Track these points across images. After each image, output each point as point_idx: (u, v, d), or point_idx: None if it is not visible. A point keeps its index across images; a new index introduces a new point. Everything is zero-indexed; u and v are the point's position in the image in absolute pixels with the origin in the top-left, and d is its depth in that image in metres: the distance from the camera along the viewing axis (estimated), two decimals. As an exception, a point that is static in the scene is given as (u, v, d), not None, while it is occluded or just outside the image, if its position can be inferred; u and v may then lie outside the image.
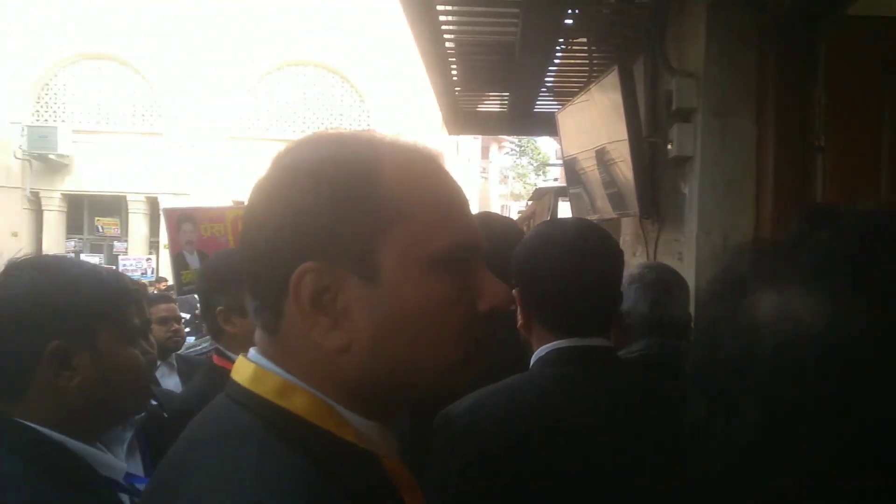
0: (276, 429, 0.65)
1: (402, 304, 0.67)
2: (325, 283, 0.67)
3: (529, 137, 29.12)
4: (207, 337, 4.02)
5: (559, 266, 1.32)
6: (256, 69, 15.13)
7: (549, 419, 1.24)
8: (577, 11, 3.21)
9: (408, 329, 0.68)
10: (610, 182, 3.37)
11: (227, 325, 1.89)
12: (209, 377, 1.90)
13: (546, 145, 31.54)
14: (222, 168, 15.12)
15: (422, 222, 0.68)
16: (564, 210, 10.29)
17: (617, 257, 1.41)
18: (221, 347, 1.94)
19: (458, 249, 0.69)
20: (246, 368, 0.72)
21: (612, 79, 2.99)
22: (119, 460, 1.28)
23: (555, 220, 1.65)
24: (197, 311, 6.89)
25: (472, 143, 24.43)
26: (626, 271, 2.23)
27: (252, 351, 0.74)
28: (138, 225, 15.67)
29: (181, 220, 3.47)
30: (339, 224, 0.67)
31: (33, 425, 1.12)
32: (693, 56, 2.70)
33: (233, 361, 1.93)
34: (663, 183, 2.99)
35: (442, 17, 3.48)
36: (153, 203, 15.50)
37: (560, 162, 12.47)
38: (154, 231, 15.65)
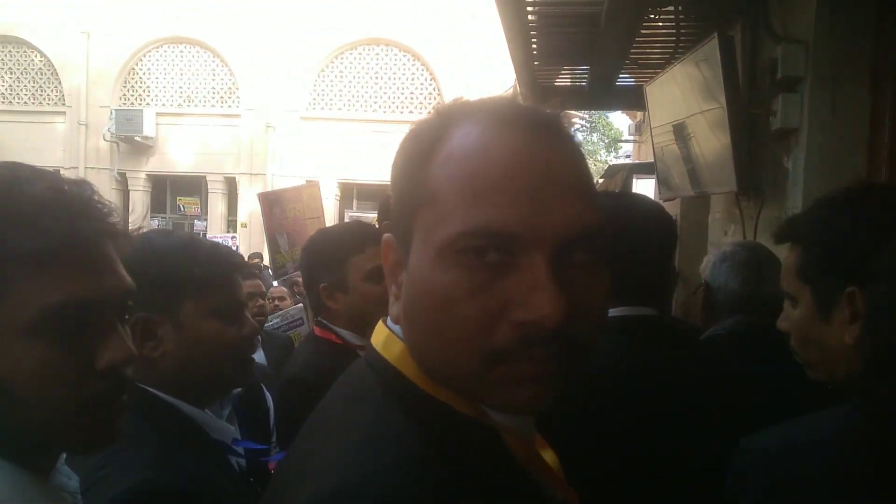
0: (393, 393, 0.66)
1: (413, 292, 0.65)
2: (397, 258, 0.69)
3: (600, 113, 28.42)
4: (277, 313, 4.14)
5: (613, 234, 1.33)
6: (329, 49, 15.29)
7: (591, 384, 1.23)
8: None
9: (420, 321, 0.64)
10: (697, 158, 3.22)
11: (330, 301, 1.92)
12: (316, 348, 1.95)
13: (618, 121, 30.71)
14: (296, 148, 15.43)
15: (444, 204, 0.62)
16: (642, 188, 9.96)
17: (670, 231, 1.47)
18: (324, 320, 1.98)
19: (468, 238, 0.59)
20: (381, 332, 0.73)
21: (707, 48, 2.84)
22: (228, 424, 1.32)
23: (610, 192, 1.69)
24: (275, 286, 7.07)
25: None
26: (718, 249, 2.15)
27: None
28: (216, 204, 16.21)
29: (273, 205, 3.58)
30: (398, 202, 0.68)
31: (150, 389, 1.16)
32: (800, 21, 2.52)
33: (334, 332, 1.98)
34: (762, 157, 2.83)
35: (526, -11, 3.39)
36: (231, 183, 16.00)
37: (633, 138, 12.15)
38: (231, 210, 16.17)
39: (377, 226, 2.44)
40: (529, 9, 3.72)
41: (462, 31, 14.65)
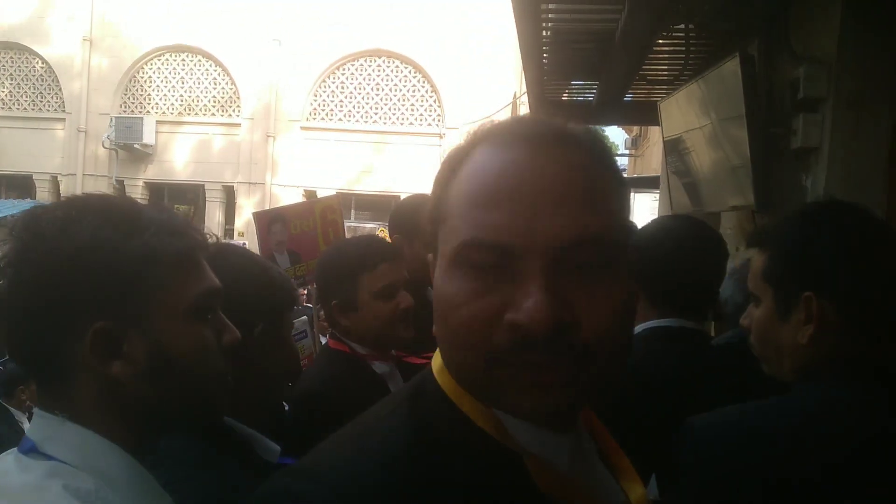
0: (418, 398, 0.70)
1: (434, 302, 0.69)
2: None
3: (596, 127, 28.51)
4: None
5: (681, 252, 1.55)
6: (330, 60, 15.32)
7: (645, 385, 1.39)
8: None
9: (439, 329, 0.69)
10: (712, 174, 3.23)
11: (341, 318, 1.92)
12: (330, 360, 1.96)
13: (614, 135, 30.87)
14: (296, 158, 15.43)
15: (454, 219, 0.67)
16: (640, 203, 10.00)
17: (725, 254, 1.67)
18: (337, 333, 1.98)
19: (470, 249, 0.64)
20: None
21: (727, 66, 2.85)
22: (274, 444, 1.31)
23: (673, 215, 1.93)
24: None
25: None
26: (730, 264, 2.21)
27: None
28: (214, 213, 16.17)
29: (271, 222, 3.50)
30: (430, 218, 0.72)
31: None
32: (822, 41, 2.54)
33: (347, 345, 2.00)
34: (779, 175, 2.84)
35: (544, 5, 3.40)
36: (229, 191, 15.97)
37: (629, 152, 12.33)
38: (229, 219, 16.14)
39: (384, 236, 2.45)
40: (544, 24, 3.74)
41: (463, 43, 14.71)
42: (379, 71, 15.54)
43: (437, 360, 0.73)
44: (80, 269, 0.82)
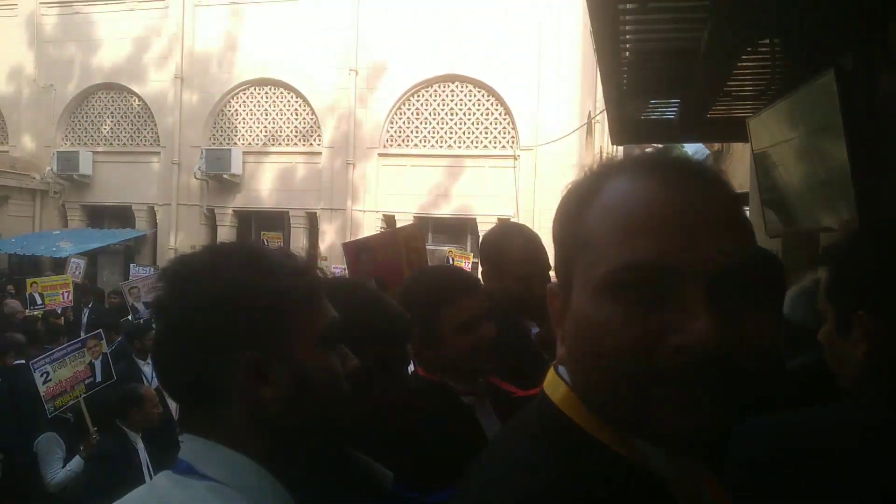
0: (550, 431, 0.70)
1: (575, 329, 0.69)
2: (562, 304, 0.73)
3: (676, 144, 27.73)
4: None
5: None
6: (405, 87, 15.63)
7: None
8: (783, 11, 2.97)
9: (581, 354, 0.69)
10: (810, 193, 3.10)
11: (425, 351, 1.92)
12: (418, 387, 1.95)
13: (693, 150, 29.91)
14: (374, 183, 15.78)
15: (599, 247, 0.67)
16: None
17: (783, 274, 1.77)
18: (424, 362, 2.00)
19: (623, 273, 0.64)
20: (550, 376, 0.77)
21: (822, 81, 2.74)
22: (387, 471, 1.33)
23: None
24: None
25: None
26: (799, 283, 2.15)
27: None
28: (298, 238, 16.70)
29: (360, 252, 3.59)
30: (559, 252, 0.74)
31: None
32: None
33: (434, 374, 2.02)
34: (885, 195, 2.70)
35: (622, 26, 3.38)
36: (312, 218, 16.48)
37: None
38: (313, 244, 16.63)
39: (453, 256, 2.45)
40: (623, 45, 3.71)
41: (535, 65, 14.71)
42: (452, 95, 15.73)
43: (557, 392, 0.73)
44: (230, 305, 0.92)
